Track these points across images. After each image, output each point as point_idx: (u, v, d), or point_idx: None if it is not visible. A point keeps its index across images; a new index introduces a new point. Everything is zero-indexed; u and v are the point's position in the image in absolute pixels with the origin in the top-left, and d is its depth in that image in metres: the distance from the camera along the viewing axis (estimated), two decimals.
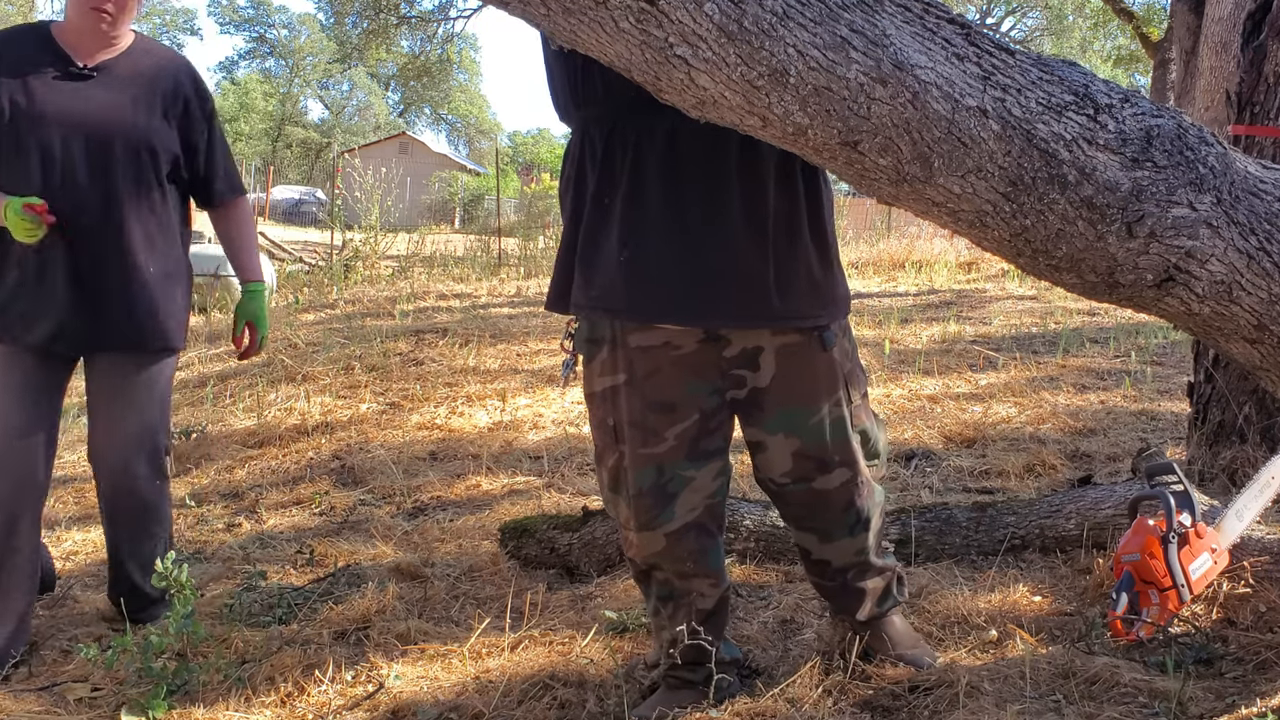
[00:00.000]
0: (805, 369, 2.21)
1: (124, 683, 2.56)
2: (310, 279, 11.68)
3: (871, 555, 2.39)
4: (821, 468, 2.27)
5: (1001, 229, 1.79)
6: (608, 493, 2.32)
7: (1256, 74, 3.34)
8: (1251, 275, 1.80)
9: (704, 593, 2.33)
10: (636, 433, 2.21)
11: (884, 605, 2.43)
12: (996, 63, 1.74)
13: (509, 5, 1.71)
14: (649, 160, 2.10)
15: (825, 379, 2.23)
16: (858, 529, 2.34)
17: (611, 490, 2.30)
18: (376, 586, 3.11)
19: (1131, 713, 2.16)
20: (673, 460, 2.21)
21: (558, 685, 2.42)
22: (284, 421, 5.33)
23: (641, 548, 2.29)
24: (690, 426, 2.20)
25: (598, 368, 2.25)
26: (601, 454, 2.30)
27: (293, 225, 27.97)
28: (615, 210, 2.12)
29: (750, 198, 2.10)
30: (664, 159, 2.09)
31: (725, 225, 2.10)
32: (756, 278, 2.11)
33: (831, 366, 2.23)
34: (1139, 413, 4.90)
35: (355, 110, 55.31)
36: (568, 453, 4.62)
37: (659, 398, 2.19)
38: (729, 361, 2.20)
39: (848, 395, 2.26)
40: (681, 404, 2.19)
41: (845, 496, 2.31)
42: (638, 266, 2.10)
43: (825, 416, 2.24)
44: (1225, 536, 2.55)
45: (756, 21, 1.61)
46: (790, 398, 2.22)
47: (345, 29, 36.06)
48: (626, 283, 2.11)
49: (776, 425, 2.24)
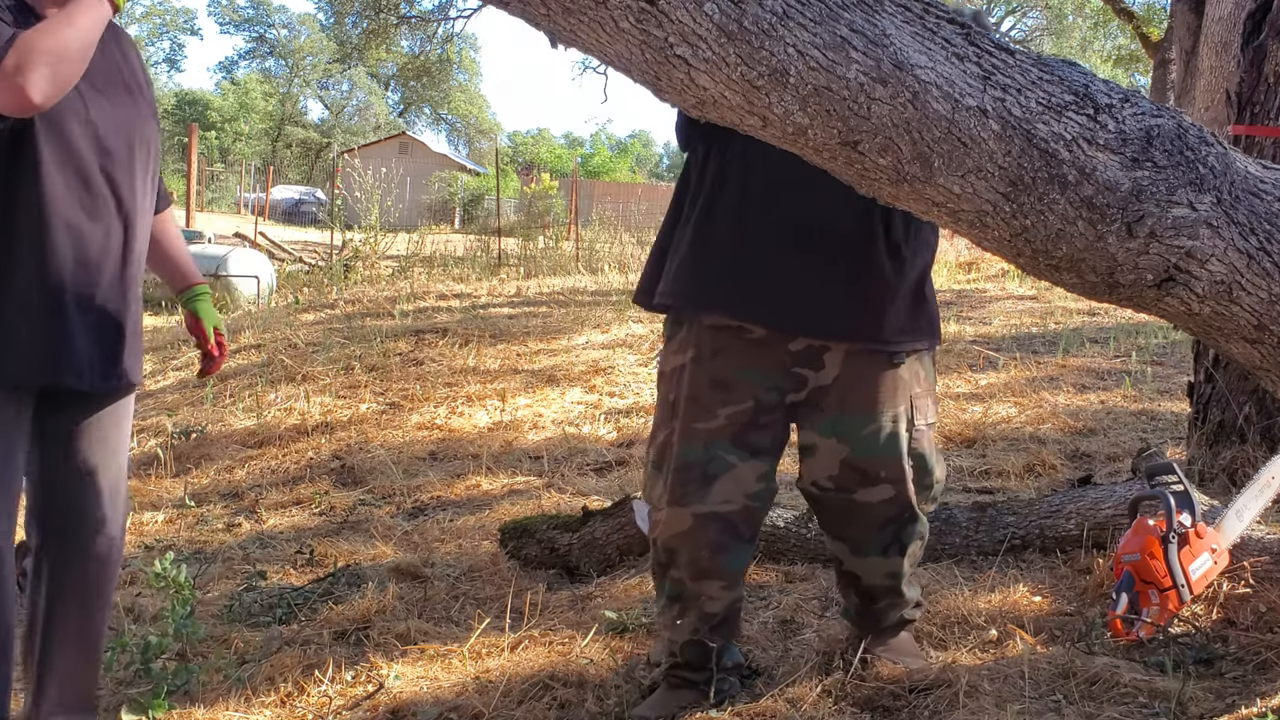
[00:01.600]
0: (869, 378, 2.24)
1: (124, 683, 2.56)
2: (310, 279, 11.69)
3: (904, 584, 2.41)
4: (865, 480, 2.28)
5: (1001, 229, 1.79)
6: (650, 470, 2.35)
7: (1256, 74, 3.34)
8: (1251, 275, 1.80)
9: (714, 595, 2.32)
10: (692, 407, 2.26)
11: (896, 623, 2.46)
12: (996, 63, 1.73)
13: (509, 5, 1.71)
14: (754, 174, 2.18)
15: (887, 392, 2.25)
16: (891, 550, 2.35)
17: (654, 467, 2.33)
18: (376, 586, 3.11)
19: (1131, 713, 2.16)
20: (719, 440, 2.24)
21: (558, 685, 2.42)
22: (284, 421, 5.33)
23: (667, 526, 2.30)
24: (743, 411, 2.23)
25: (674, 346, 2.32)
26: (655, 430, 2.35)
27: (293, 225, 28.00)
28: (718, 217, 2.22)
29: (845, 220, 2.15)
30: (767, 176, 2.16)
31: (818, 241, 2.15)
32: (835, 294, 2.18)
33: (896, 382, 2.26)
34: (1139, 413, 4.90)
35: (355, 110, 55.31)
36: (568, 453, 4.62)
37: (720, 375, 2.24)
38: (793, 357, 2.23)
39: (910, 417, 2.28)
40: (739, 387, 2.23)
41: (884, 514, 2.31)
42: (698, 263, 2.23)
43: (881, 429, 2.25)
44: (1225, 536, 2.55)
45: (756, 21, 1.61)
46: (849, 403, 2.24)
47: (345, 29, 36.10)
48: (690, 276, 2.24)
49: (830, 429, 2.26)
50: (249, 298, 10.88)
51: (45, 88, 1.95)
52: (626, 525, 3.26)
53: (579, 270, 11.32)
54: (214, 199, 35.77)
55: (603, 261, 11.80)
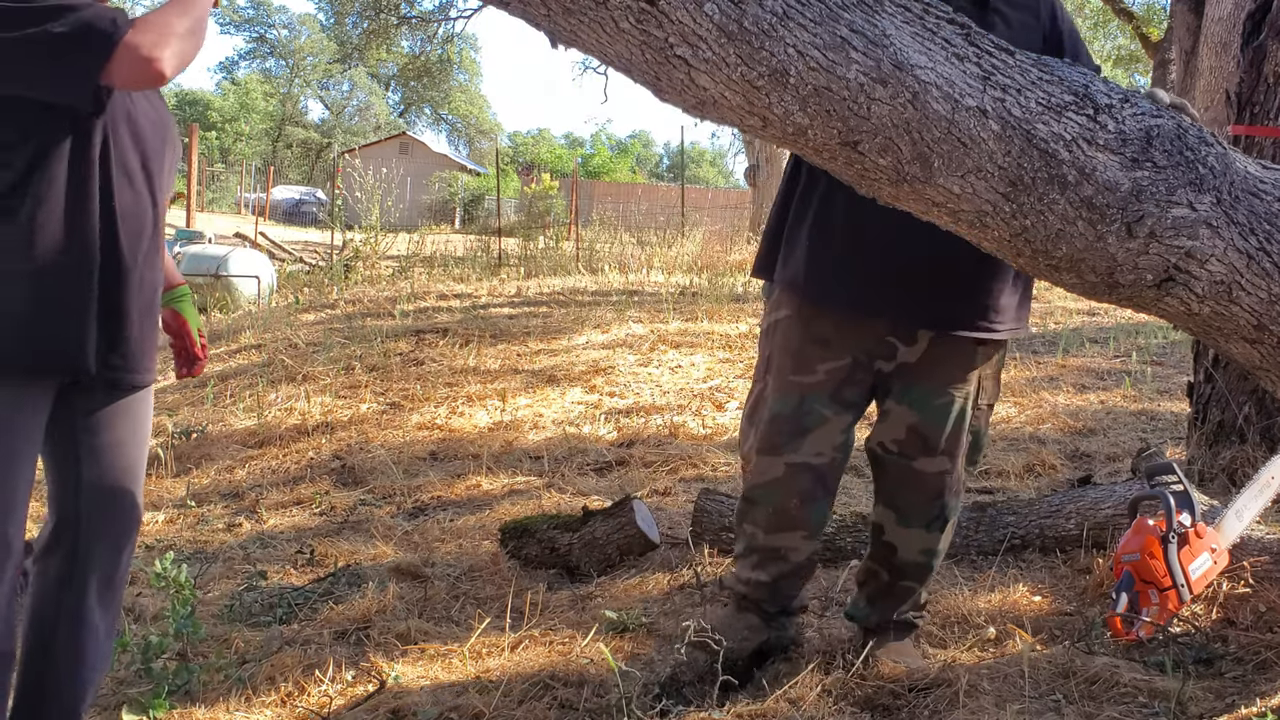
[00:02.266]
0: (950, 356, 2.36)
1: (124, 683, 2.56)
2: (310, 279, 11.68)
3: (936, 563, 2.48)
4: (926, 449, 2.40)
5: (1001, 229, 1.79)
6: (744, 422, 2.54)
7: (1256, 74, 3.35)
8: (1251, 275, 1.80)
9: (795, 546, 2.44)
10: (789, 361, 2.40)
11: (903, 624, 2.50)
12: (996, 63, 1.74)
13: (509, 5, 1.71)
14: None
15: (961, 370, 2.38)
16: (934, 525, 2.43)
17: (748, 419, 2.52)
18: (377, 586, 3.11)
19: (1131, 712, 2.16)
20: (816, 393, 2.37)
21: (558, 685, 2.42)
22: (284, 421, 5.33)
23: (757, 473, 2.43)
24: (841, 367, 2.37)
25: (773, 303, 2.49)
26: (753, 384, 2.54)
27: (293, 225, 27.99)
28: (835, 215, 2.33)
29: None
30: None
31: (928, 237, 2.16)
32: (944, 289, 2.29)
33: (972, 361, 2.38)
34: (1139, 413, 4.90)
35: (355, 110, 55.28)
36: (568, 453, 4.62)
37: (821, 333, 2.37)
38: (884, 324, 2.35)
39: (975, 395, 2.40)
40: (838, 344, 2.37)
41: (937, 486, 2.41)
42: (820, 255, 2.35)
43: (950, 403, 2.38)
44: (1225, 536, 2.55)
45: (756, 22, 1.61)
46: (929, 376, 2.37)
47: (345, 29, 36.04)
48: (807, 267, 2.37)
49: (905, 397, 2.39)
50: (249, 298, 10.87)
51: (176, 65, 2.04)
52: (627, 525, 3.26)
53: (579, 270, 11.32)
54: (214, 199, 35.75)
55: (603, 262, 11.80)
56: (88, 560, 2.18)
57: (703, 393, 5.54)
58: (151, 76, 2.00)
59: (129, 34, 1.96)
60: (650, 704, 2.31)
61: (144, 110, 2.17)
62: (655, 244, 13.53)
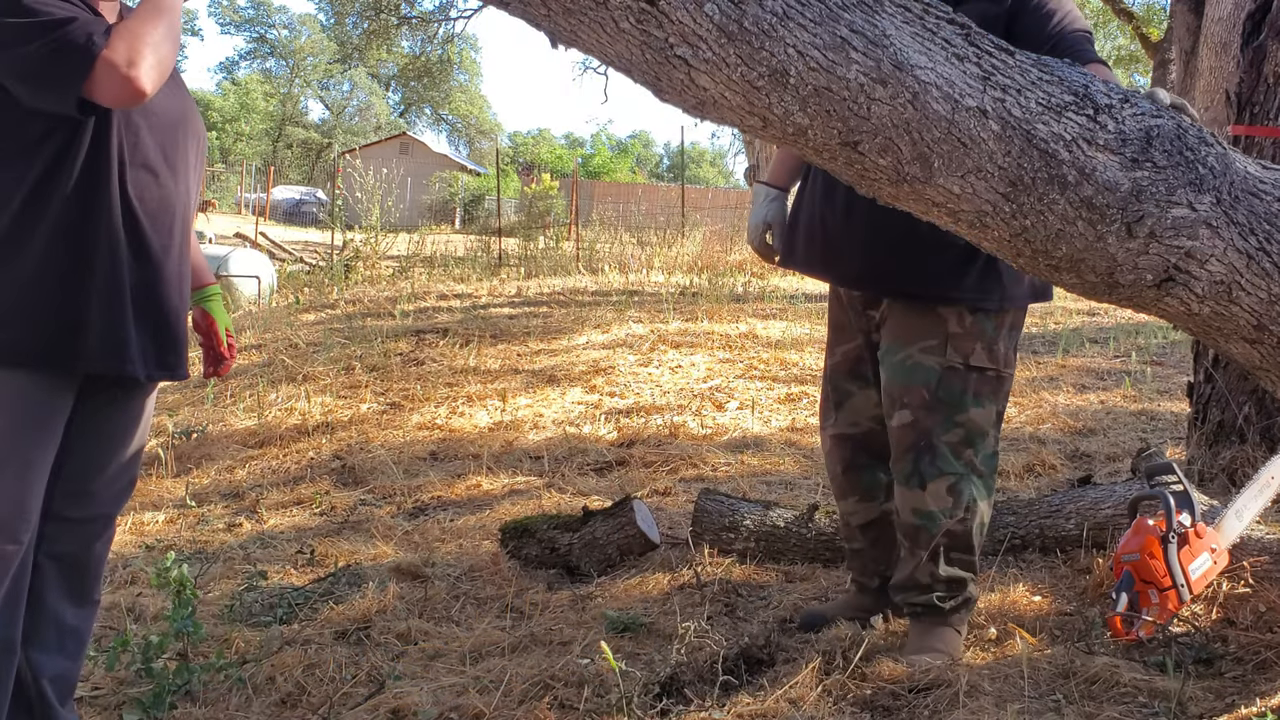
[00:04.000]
0: (905, 316, 2.50)
1: (125, 682, 2.56)
2: (311, 279, 11.68)
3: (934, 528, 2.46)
4: (892, 404, 2.51)
5: (1001, 229, 1.79)
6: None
7: (1256, 74, 3.35)
8: (1251, 275, 1.80)
9: (852, 510, 2.68)
10: (826, 347, 2.74)
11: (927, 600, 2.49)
12: (996, 63, 1.74)
13: (509, 5, 1.71)
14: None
15: (919, 327, 2.47)
16: (913, 481, 2.47)
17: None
18: (377, 586, 3.11)
19: (1131, 712, 2.16)
20: (839, 373, 2.68)
21: (558, 685, 2.42)
22: (284, 421, 5.33)
23: (822, 446, 2.77)
24: (854, 347, 2.64)
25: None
26: None
27: (293, 225, 28.01)
28: (803, 190, 2.64)
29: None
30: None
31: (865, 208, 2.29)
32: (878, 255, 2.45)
33: (932, 320, 2.46)
34: (1139, 413, 4.91)
35: (356, 110, 55.28)
36: (568, 453, 4.62)
37: (833, 320, 2.71)
38: (862, 301, 2.59)
39: (944, 353, 2.44)
40: (847, 327, 2.65)
41: (908, 439, 2.47)
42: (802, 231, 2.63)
43: (909, 358, 2.47)
44: (1225, 536, 2.55)
45: (756, 22, 1.61)
46: (888, 336, 2.53)
47: (346, 29, 36.03)
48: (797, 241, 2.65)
49: (880, 362, 2.55)
50: (250, 298, 10.87)
51: (155, 78, 1.95)
52: (627, 525, 3.26)
53: (579, 270, 11.32)
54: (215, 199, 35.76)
55: (603, 262, 11.79)
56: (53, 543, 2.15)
57: (703, 393, 5.54)
58: (131, 95, 1.94)
59: (105, 50, 1.90)
60: (650, 704, 2.31)
61: (162, 103, 2.12)
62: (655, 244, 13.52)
